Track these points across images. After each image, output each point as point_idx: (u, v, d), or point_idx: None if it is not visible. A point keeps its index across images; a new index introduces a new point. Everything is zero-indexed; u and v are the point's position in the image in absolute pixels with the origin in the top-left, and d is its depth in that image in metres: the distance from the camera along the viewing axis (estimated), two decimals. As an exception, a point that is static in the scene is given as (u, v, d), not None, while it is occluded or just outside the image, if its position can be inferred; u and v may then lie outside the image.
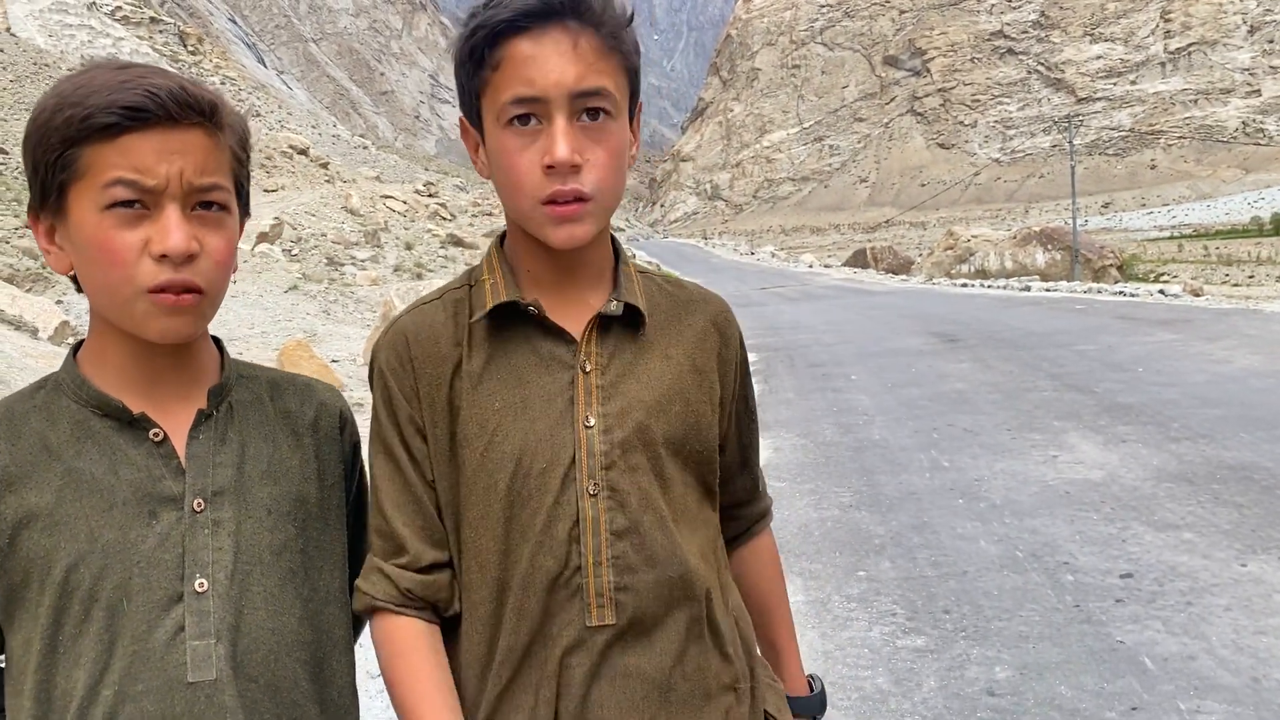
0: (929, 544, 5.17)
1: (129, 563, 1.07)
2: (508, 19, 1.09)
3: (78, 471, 1.08)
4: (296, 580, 1.16)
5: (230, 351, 1.25)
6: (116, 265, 1.04)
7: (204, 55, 63.83)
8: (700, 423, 1.25)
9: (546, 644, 1.16)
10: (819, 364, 12.41)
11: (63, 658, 1.06)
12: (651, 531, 1.18)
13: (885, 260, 43.03)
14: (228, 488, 1.13)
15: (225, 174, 1.10)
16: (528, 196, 1.12)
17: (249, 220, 1.24)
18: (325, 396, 1.29)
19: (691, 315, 1.29)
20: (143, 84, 1.04)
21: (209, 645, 1.08)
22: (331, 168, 39.92)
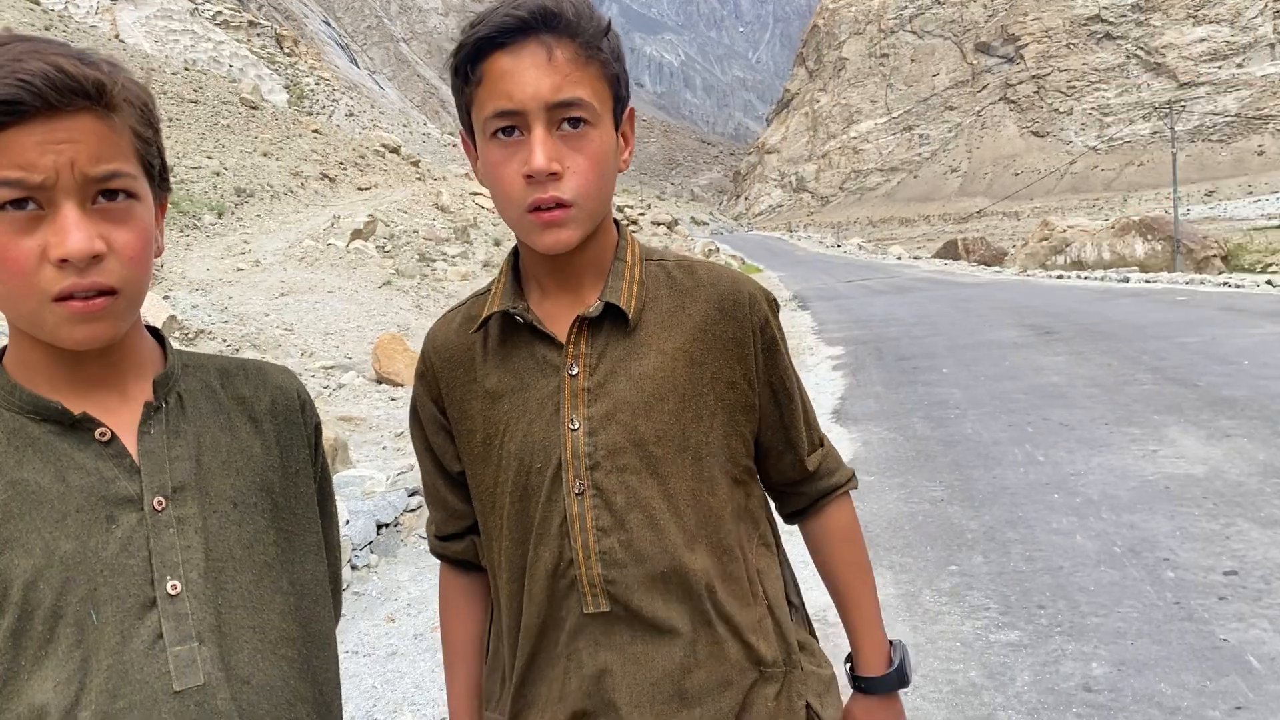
0: (1023, 539, 5.09)
1: (92, 572, 0.99)
2: (485, 35, 1.15)
3: (22, 483, 0.99)
4: (273, 574, 1.11)
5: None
6: (15, 275, 0.95)
7: (299, 57, 65.56)
8: (702, 414, 1.27)
9: (556, 625, 1.27)
10: (908, 357, 12.24)
11: (26, 684, 0.97)
12: (639, 529, 1.24)
13: (977, 252, 42.12)
14: (188, 482, 1.06)
15: (126, 158, 1.00)
16: (514, 205, 1.19)
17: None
18: (280, 379, 1.23)
19: (695, 303, 1.29)
20: (15, 71, 0.92)
21: (192, 649, 1.01)
22: (422, 166, 40.67)
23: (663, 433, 1.24)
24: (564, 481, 1.24)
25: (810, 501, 1.43)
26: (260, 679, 1.06)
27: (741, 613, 1.29)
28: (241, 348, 12.12)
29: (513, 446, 1.27)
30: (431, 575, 5.20)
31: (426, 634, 4.45)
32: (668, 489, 1.25)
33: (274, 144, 32.47)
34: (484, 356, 1.30)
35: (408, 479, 6.30)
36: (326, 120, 48.09)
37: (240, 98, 36.55)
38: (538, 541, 1.26)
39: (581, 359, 1.25)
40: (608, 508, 1.23)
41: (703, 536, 1.26)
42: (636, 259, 1.32)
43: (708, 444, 1.27)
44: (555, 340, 1.26)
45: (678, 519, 1.25)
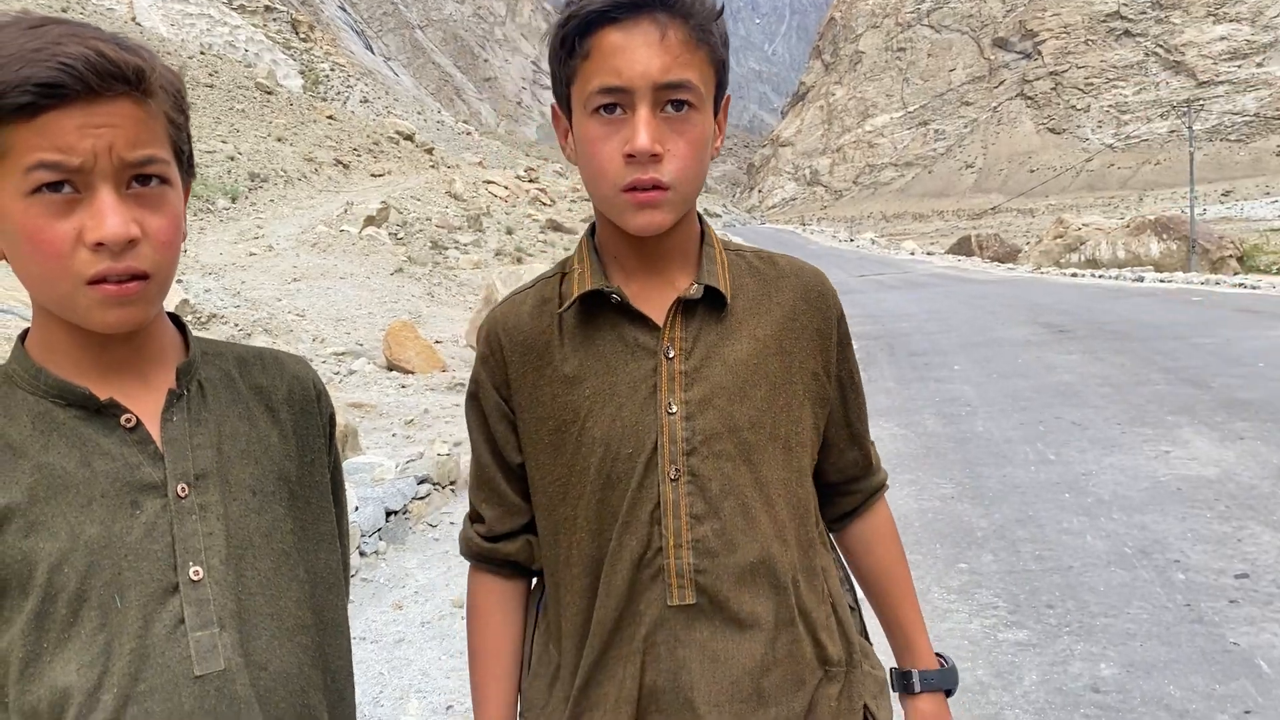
0: (1033, 538, 5.08)
1: (116, 557, 1.00)
2: (599, 9, 1.12)
3: (48, 467, 1.00)
4: (291, 562, 1.12)
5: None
6: (50, 257, 0.95)
7: (314, 42, 65.60)
8: (791, 404, 1.25)
9: (633, 620, 1.22)
10: (920, 353, 12.20)
11: (48, 666, 0.98)
12: (733, 517, 1.21)
13: (990, 248, 41.96)
14: (210, 470, 1.07)
15: (161, 143, 1.00)
16: (609, 183, 1.16)
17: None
18: (297, 369, 1.23)
19: (781, 292, 1.29)
20: (57, 54, 0.93)
21: (213, 634, 1.02)
22: (436, 153, 40.68)
23: (756, 420, 1.23)
24: (659, 467, 1.21)
25: (864, 499, 1.41)
26: (277, 665, 1.07)
27: (817, 609, 1.27)
28: (253, 333, 12.15)
29: (597, 432, 1.23)
30: (440, 563, 5.21)
31: (434, 621, 4.46)
32: (760, 477, 1.23)
33: (288, 129, 32.52)
34: (561, 340, 1.26)
35: (417, 466, 6.31)
36: (341, 106, 48.14)
37: (255, 82, 36.60)
38: (623, 530, 1.22)
39: (678, 341, 1.22)
40: (702, 494, 1.21)
41: (791, 528, 1.25)
42: (719, 246, 1.30)
43: (796, 434, 1.26)
44: (649, 322, 1.23)
45: (769, 509, 1.23)
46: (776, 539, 1.23)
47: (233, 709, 1.02)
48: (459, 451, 7.11)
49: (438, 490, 6.26)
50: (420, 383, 10.57)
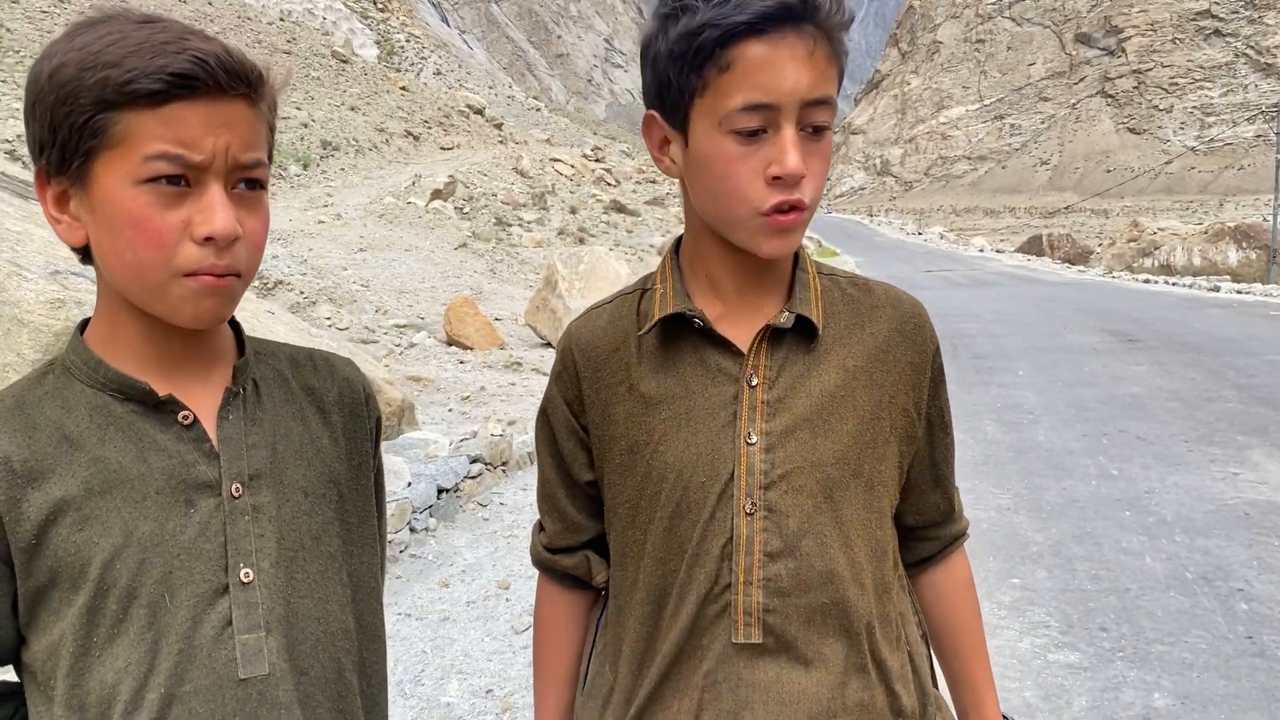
0: (1090, 556, 4.96)
1: (169, 555, 1.00)
2: (746, 20, 1.04)
3: (104, 461, 1.00)
4: (336, 565, 1.12)
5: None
6: (153, 246, 0.95)
7: (392, 13, 66.15)
8: (877, 440, 1.19)
9: (695, 655, 1.17)
10: (984, 356, 11.99)
11: (97, 661, 0.98)
12: (810, 556, 1.15)
13: (1062, 248, 41.08)
14: (264, 470, 1.06)
15: (265, 148, 1.02)
16: (746, 206, 1.09)
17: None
18: (347, 372, 1.23)
19: (875, 323, 1.21)
20: (187, 48, 0.93)
21: (259, 638, 1.02)
22: (505, 129, 40.85)
23: (840, 455, 1.16)
24: (734, 499, 1.15)
25: (942, 547, 1.34)
26: (318, 671, 1.07)
27: (892, 657, 1.20)
28: (318, 300, 12.33)
29: (670, 457, 1.17)
30: (488, 543, 5.25)
31: (479, 601, 4.49)
32: (840, 516, 1.17)
33: (362, 99, 32.88)
34: (639, 358, 1.21)
35: (470, 445, 6.35)
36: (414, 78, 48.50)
37: (332, 51, 37.04)
38: (692, 563, 1.16)
39: (762, 369, 1.16)
40: (779, 531, 1.14)
41: (869, 571, 1.18)
42: (813, 270, 1.24)
43: (880, 472, 1.20)
44: (733, 348, 1.17)
45: (847, 550, 1.17)
46: (853, 582, 1.16)
47: (274, 713, 1.02)
48: (513, 432, 7.15)
49: (489, 470, 6.31)
50: (478, 359, 10.66)
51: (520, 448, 6.75)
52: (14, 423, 1.00)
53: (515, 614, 4.34)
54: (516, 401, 8.82)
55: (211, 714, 1.00)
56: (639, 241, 23.74)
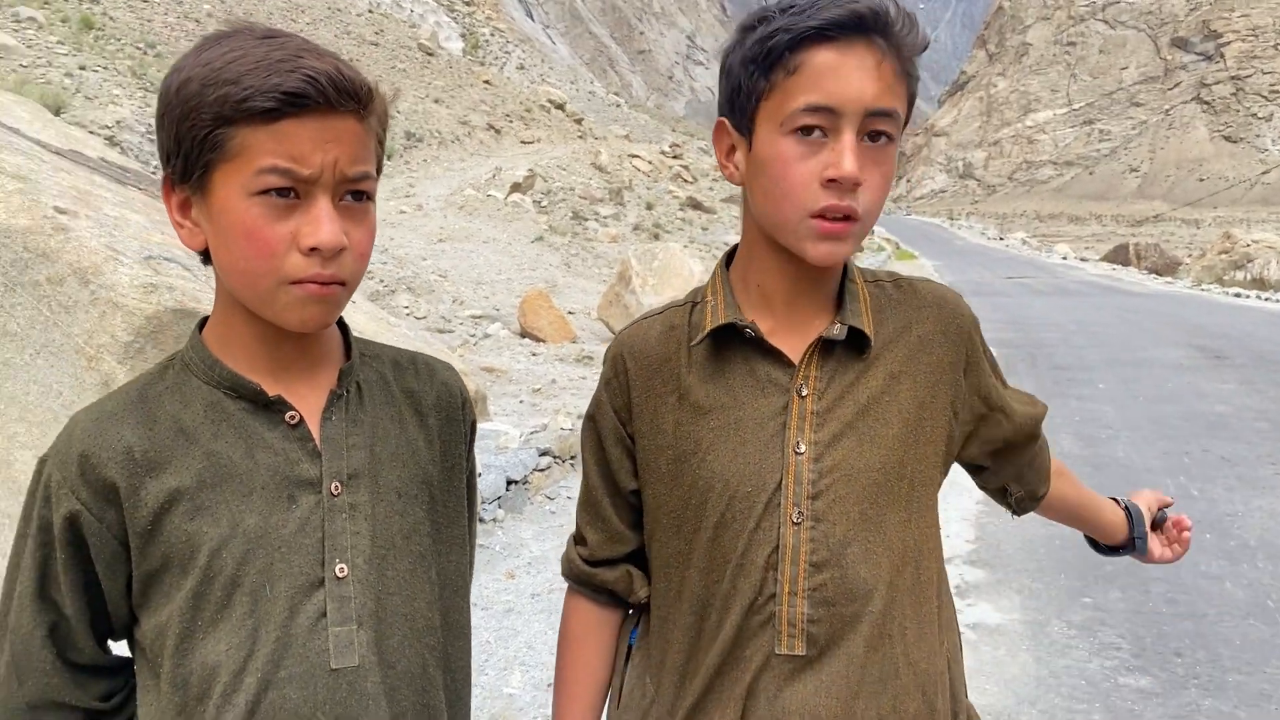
0: (1166, 578, 4.83)
1: (270, 548, 1.05)
2: (816, 26, 1.07)
3: (216, 455, 1.05)
4: (425, 564, 1.16)
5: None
6: (263, 255, 1.00)
7: (478, 7, 66.93)
8: (920, 438, 1.20)
9: (738, 666, 1.18)
10: (1063, 367, 11.72)
11: (200, 643, 1.04)
12: (854, 564, 1.15)
13: (1149, 258, 39.87)
14: (362, 470, 1.11)
15: (372, 162, 1.05)
16: (798, 207, 1.10)
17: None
18: (446, 376, 1.27)
19: (921, 324, 1.23)
20: (301, 66, 0.98)
21: (350, 631, 1.07)
22: (585, 124, 41.08)
23: (885, 459, 1.17)
24: (781, 508, 1.15)
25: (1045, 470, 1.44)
26: (404, 665, 1.11)
27: (928, 662, 1.20)
28: (397, 290, 12.56)
29: (716, 466, 1.18)
30: (554, 536, 5.30)
31: (543, 594, 4.54)
32: (882, 520, 1.17)
33: (446, 91, 33.34)
34: (689, 367, 1.23)
35: (540, 438, 6.42)
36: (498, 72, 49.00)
37: (418, 43, 37.61)
38: (736, 573, 1.17)
39: (812, 380, 1.17)
40: (825, 541, 1.15)
41: (906, 574, 1.19)
42: (861, 281, 1.25)
43: (922, 471, 1.21)
44: (783, 359, 1.18)
45: (889, 554, 1.17)
46: (891, 586, 1.17)
47: (361, 703, 1.07)
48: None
49: (558, 464, 6.37)
50: (550, 352, 10.75)
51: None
52: (137, 414, 1.07)
53: (578, 608, 4.38)
54: (587, 395, 8.88)
55: (304, 701, 1.05)
56: (714, 239, 23.69)
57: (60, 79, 17.31)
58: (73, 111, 14.63)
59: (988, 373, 1.30)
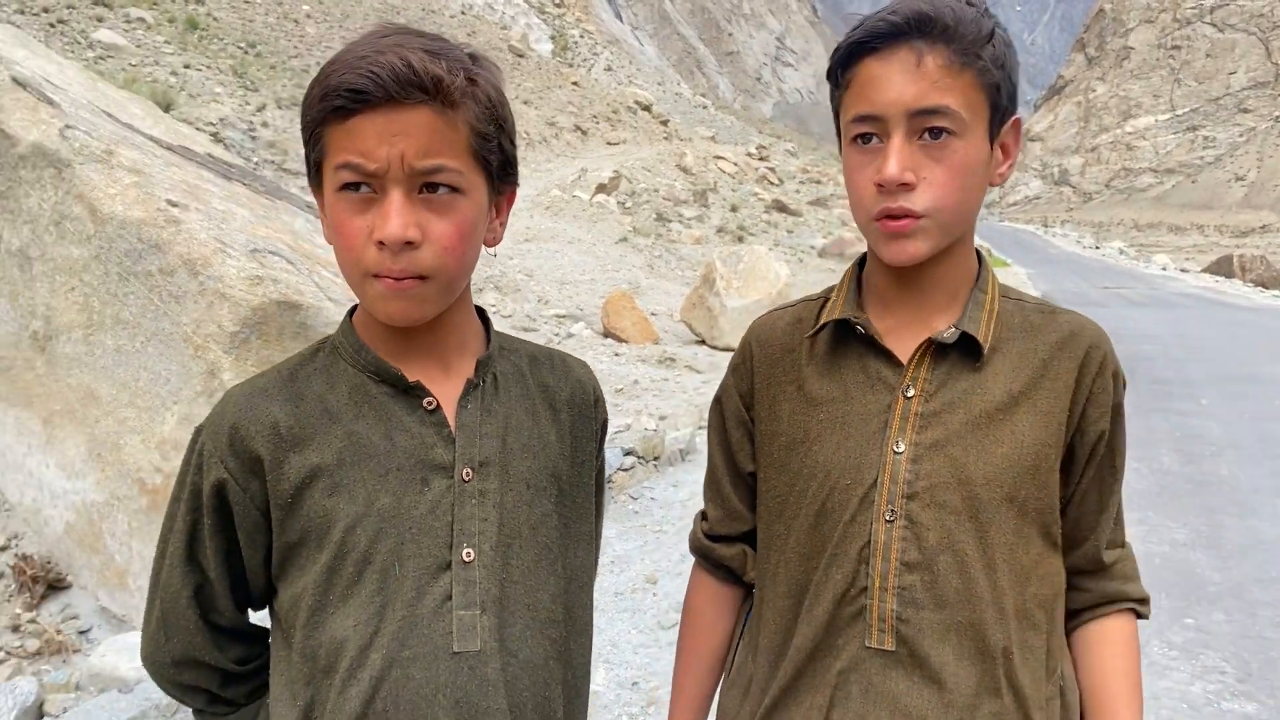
0: (1275, 601, 4.63)
1: (402, 528, 1.07)
2: (859, 40, 1.13)
3: (356, 435, 1.08)
4: (551, 557, 1.17)
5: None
6: (348, 249, 1.04)
7: (568, 9, 67.51)
8: (1039, 468, 1.17)
9: (829, 654, 1.20)
10: (1163, 381, 11.33)
11: (331, 617, 1.07)
12: (947, 573, 1.16)
13: (1255, 270, 38.32)
14: (493, 458, 1.13)
15: (457, 153, 1.04)
16: (863, 212, 1.16)
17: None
18: (580, 374, 1.29)
19: (1050, 349, 1.21)
20: (371, 63, 0.99)
21: (474, 616, 1.08)
22: (671, 125, 41.12)
23: (992, 477, 1.16)
24: (875, 505, 1.18)
25: (1094, 603, 1.28)
26: (525, 654, 1.13)
27: (1033, 687, 1.19)
28: (484, 288, 12.72)
29: (820, 457, 1.22)
30: (637, 536, 5.31)
31: (627, 594, 4.55)
32: (985, 538, 1.17)
33: (534, 93, 33.69)
34: (809, 360, 1.27)
35: (624, 438, 6.43)
36: (585, 73, 49.36)
37: (509, 45, 38.08)
38: (830, 562, 1.20)
39: (920, 382, 1.19)
40: (917, 543, 1.17)
41: (1011, 596, 1.17)
42: (996, 292, 1.25)
43: (1036, 499, 1.18)
44: (894, 358, 1.21)
45: (989, 572, 1.17)
46: (992, 605, 1.16)
47: (481, 689, 1.08)
48: (664, 427, 7.20)
49: (642, 464, 6.37)
50: (633, 353, 10.77)
51: (672, 443, 6.79)
52: (285, 392, 1.12)
53: (662, 609, 4.37)
54: (669, 397, 8.87)
55: (426, 682, 1.06)
56: (799, 242, 23.49)
57: (166, 77, 17.95)
58: (179, 109, 15.16)
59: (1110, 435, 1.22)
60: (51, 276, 3.78)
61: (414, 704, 1.06)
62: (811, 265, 20.78)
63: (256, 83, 19.67)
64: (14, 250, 3.88)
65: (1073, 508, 1.24)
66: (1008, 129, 1.19)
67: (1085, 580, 1.28)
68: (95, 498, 3.67)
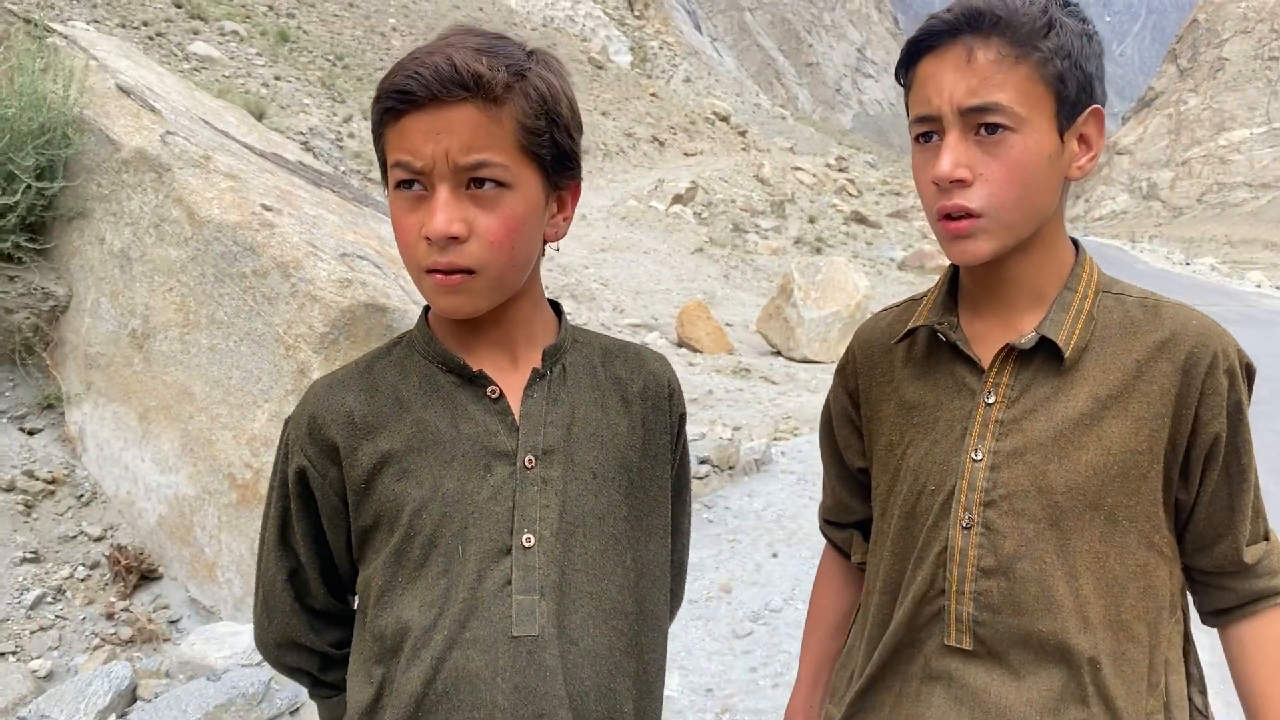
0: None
1: (465, 512, 1.10)
2: (916, 38, 1.15)
3: (424, 423, 1.12)
4: (619, 548, 1.17)
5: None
6: (405, 245, 1.08)
7: (647, 20, 67.91)
8: (1129, 473, 1.14)
9: (913, 646, 1.22)
10: (1258, 400, 10.84)
11: (399, 598, 1.10)
12: (1024, 581, 1.14)
13: (1356, 290, 36.82)
14: (557, 447, 1.14)
15: (503, 148, 1.05)
16: (929, 213, 1.16)
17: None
18: (655, 366, 1.29)
19: (1149, 350, 1.15)
20: (418, 64, 1.02)
21: (533, 600, 1.09)
22: (749, 136, 41.06)
23: (1075, 484, 1.14)
24: (953, 511, 1.18)
25: (1241, 601, 1.23)
26: (588, 643, 1.12)
27: (1129, 699, 1.15)
28: (560, 296, 12.84)
29: (912, 462, 1.24)
30: (711, 545, 5.31)
31: (701, 601, 4.55)
32: (1067, 546, 1.14)
33: (613, 104, 33.93)
34: (905, 363, 1.28)
35: (699, 447, 6.43)
36: (664, 84, 49.57)
37: (589, 56, 38.44)
38: (916, 563, 1.22)
39: (1002, 388, 1.18)
40: (994, 550, 1.16)
41: (1099, 606, 1.14)
42: (1092, 290, 1.20)
43: (1128, 506, 1.15)
44: (976, 364, 1.20)
45: (1071, 581, 1.14)
46: (1075, 614, 1.14)
47: (539, 674, 1.08)
48: (739, 437, 7.18)
49: (716, 473, 6.37)
50: (707, 363, 10.77)
51: (747, 453, 6.77)
52: (361, 383, 1.17)
53: (736, 618, 4.36)
54: (743, 407, 8.85)
55: (486, 664, 1.08)
56: (878, 254, 23.25)
57: (258, 88, 18.49)
58: (270, 119, 15.61)
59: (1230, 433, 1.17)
60: (150, 277, 3.92)
61: (474, 686, 1.07)
62: (891, 277, 20.55)
63: (344, 94, 20.16)
64: (116, 251, 4.04)
65: (1200, 509, 1.20)
66: (1084, 119, 1.15)
67: (1229, 580, 1.23)
68: (187, 491, 3.79)
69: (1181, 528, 1.21)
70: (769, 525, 5.68)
